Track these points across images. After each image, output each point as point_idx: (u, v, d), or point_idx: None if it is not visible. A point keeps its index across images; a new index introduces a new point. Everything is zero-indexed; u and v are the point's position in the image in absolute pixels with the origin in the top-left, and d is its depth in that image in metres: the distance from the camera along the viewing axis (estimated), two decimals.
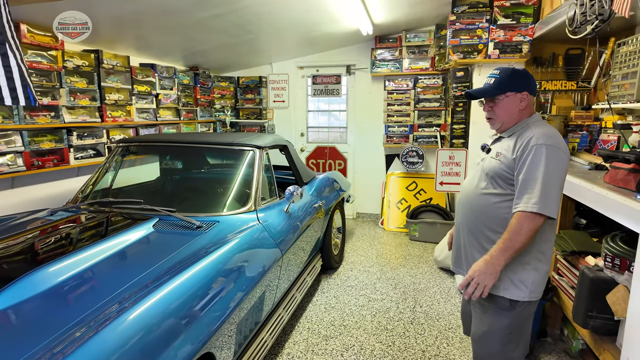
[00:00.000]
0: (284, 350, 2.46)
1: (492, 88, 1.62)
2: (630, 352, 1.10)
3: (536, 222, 1.46)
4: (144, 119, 3.91)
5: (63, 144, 3.02)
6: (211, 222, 2.08)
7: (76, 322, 1.26)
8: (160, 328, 1.30)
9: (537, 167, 1.48)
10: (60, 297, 1.42)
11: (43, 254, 1.76)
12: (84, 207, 2.34)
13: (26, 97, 1.24)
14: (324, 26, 4.13)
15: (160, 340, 1.28)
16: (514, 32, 3.61)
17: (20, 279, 1.42)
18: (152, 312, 1.32)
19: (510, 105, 1.62)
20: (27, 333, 1.21)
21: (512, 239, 1.47)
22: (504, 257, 1.48)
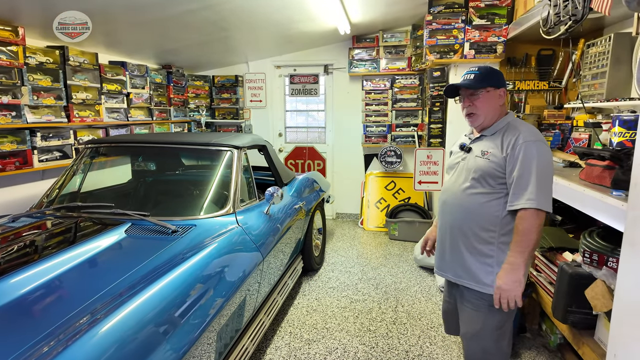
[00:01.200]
0: (266, 356, 2.39)
1: (474, 82, 1.62)
2: (617, 348, 1.11)
3: (540, 218, 1.49)
4: (114, 119, 3.74)
5: (26, 146, 2.83)
6: (187, 226, 1.99)
7: (43, 337, 1.16)
8: (136, 340, 1.22)
9: (531, 164, 1.50)
10: (24, 311, 1.31)
11: (4, 264, 1.62)
12: (49, 213, 2.20)
13: None
14: (301, 24, 4.08)
15: (136, 353, 1.20)
16: (488, 33, 3.67)
17: None
18: (126, 323, 1.23)
19: (490, 100, 1.63)
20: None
21: (526, 240, 1.49)
22: (523, 260, 1.50)
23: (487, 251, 1.60)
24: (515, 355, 2.41)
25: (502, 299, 1.51)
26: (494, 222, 1.58)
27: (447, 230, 1.73)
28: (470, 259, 1.63)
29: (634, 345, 1.03)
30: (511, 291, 1.49)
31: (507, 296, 1.50)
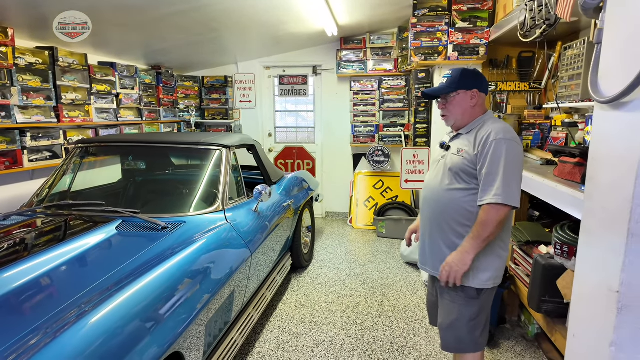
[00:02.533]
0: (255, 349, 2.45)
1: (445, 86, 1.72)
2: (576, 328, 1.20)
3: (502, 212, 1.56)
4: (104, 119, 3.77)
5: (16, 146, 2.86)
6: (177, 222, 2.05)
7: (31, 330, 1.20)
8: (124, 330, 1.28)
9: (499, 161, 1.57)
10: (13, 305, 1.35)
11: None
12: (40, 211, 2.24)
13: None
14: (289, 26, 4.15)
15: (125, 342, 1.25)
16: (471, 35, 3.78)
17: None
18: (114, 315, 1.29)
19: (462, 103, 1.71)
20: None
21: (481, 229, 1.57)
22: (473, 247, 1.59)
23: None
24: (494, 346, 2.51)
25: (444, 272, 1.63)
26: (469, 217, 1.66)
27: (427, 225, 1.82)
28: (447, 253, 1.71)
29: (589, 323, 1.12)
30: (453, 268, 1.61)
31: (449, 271, 1.62)
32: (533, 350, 2.46)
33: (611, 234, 1.01)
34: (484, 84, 1.77)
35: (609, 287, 1.02)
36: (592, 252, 1.13)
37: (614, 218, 1.01)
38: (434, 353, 2.43)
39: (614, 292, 1.00)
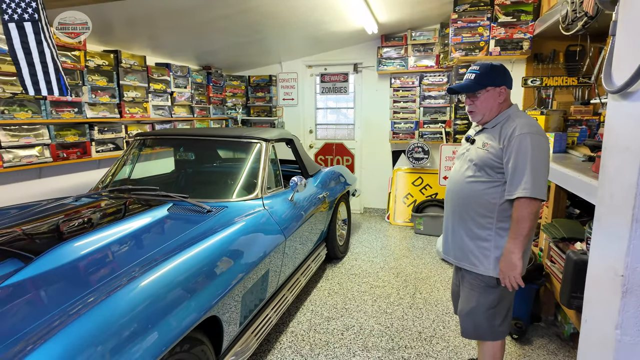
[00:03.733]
0: (288, 328, 2.63)
1: (473, 83, 1.74)
2: (587, 314, 1.23)
3: (534, 206, 1.59)
4: (159, 115, 4.13)
5: (86, 138, 3.25)
6: (220, 207, 2.26)
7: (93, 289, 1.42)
8: (168, 294, 1.46)
9: (525, 154, 1.60)
10: (78, 269, 1.59)
11: (68, 233, 1.95)
12: (105, 194, 2.55)
13: (59, 88, 1.42)
14: (329, 25, 4.29)
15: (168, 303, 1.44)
16: (514, 30, 3.70)
17: (47, 252, 1.60)
18: (162, 279, 1.48)
19: (490, 99, 1.74)
20: (50, 298, 1.40)
21: (519, 227, 1.61)
22: (517, 245, 1.62)
23: (485, 236, 1.73)
24: (526, 342, 2.49)
25: (503, 279, 1.67)
26: (491, 208, 1.70)
27: (450, 216, 1.88)
28: (469, 243, 1.77)
29: (598, 308, 1.15)
30: (507, 272, 1.64)
31: (507, 277, 1.65)
32: (567, 350, 2.42)
33: (617, 220, 1.04)
34: (510, 79, 1.79)
35: (615, 271, 1.05)
36: (601, 238, 1.16)
37: (620, 204, 1.04)
38: (462, 344, 2.47)
39: (619, 276, 1.03)
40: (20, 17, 1.29)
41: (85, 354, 1.12)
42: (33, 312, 1.30)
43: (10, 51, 1.36)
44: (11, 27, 1.30)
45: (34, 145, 2.86)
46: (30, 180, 3.01)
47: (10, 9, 1.28)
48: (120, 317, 1.25)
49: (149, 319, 1.32)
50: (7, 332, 1.19)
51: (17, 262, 1.57)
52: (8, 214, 2.32)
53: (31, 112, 2.81)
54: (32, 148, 2.85)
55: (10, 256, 1.60)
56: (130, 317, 1.27)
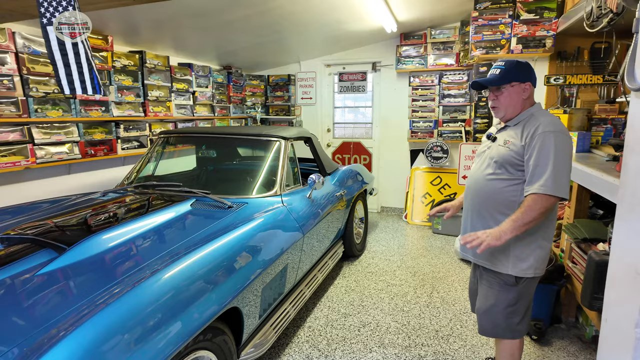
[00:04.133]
0: (306, 323, 2.67)
1: (499, 77, 1.73)
2: (608, 313, 1.22)
3: (549, 202, 1.57)
4: (181, 114, 4.24)
5: (112, 136, 3.37)
6: (241, 203, 2.32)
7: (121, 280, 1.49)
8: (193, 283, 1.52)
9: (547, 153, 1.59)
10: (105, 261, 1.66)
11: (96, 226, 2.04)
12: (130, 190, 2.65)
13: (92, 87, 1.50)
14: (348, 25, 4.31)
15: (193, 292, 1.49)
16: (537, 27, 3.64)
17: (78, 243, 1.68)
18: (186, 271, 1.54)
19: (514, 95, 1.73)
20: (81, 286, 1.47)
21: (524, 213, 1.57)
22: (513, 228, 1.57)
23: None
24: (545, 343, 2.46)
25: (473, 238, 1.59)
26: (511, 206, 1.70)
27: (469, 213, 1.88)
28: None
29: (619, 307, 1.15)
30: (487, 240, 1.56)
31: (481, 241, 1.57)
32: (589, 352, 2.38)
33: (638, 217, 1.04)
34: (535, 77, 1.78)
35: (636, 270, 1.04)
36: (622, 236, 1.15)
37: None
38: (480, 344, 2.46)
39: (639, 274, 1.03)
40: None
41: (115, 339, 1.18)
42: (66, 299, 1.38)
43: (48, 52, 1.44)
44: (49, 30, 1.38)
45: (64, 142, 2.99)
46: (60, 176, 3.15)
47: (49, 13, 1.36)
48: (148, 305, 1.31)
49: (174, 308, 1.38)
50: (43, 317, 1.26)
51: (52, 252, 1.66)
52: (40, 207, 2.44)
53: (62, 111, 2.94)
54: (63, 145, 2.98)
55: (45, 246, 1.69)
56: (157, 305, 1.34)
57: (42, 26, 1.40)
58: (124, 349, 1.18)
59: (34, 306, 1.34)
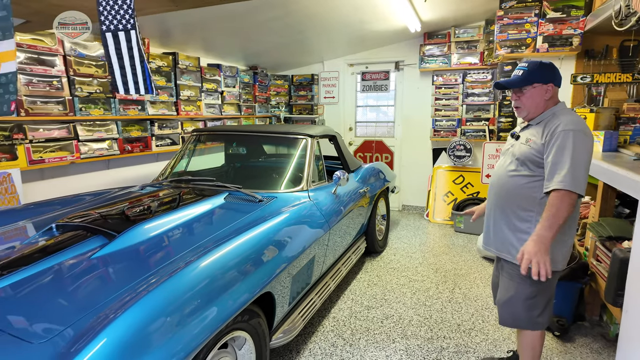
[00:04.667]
0: (330, 314, 2.77)
1: (521, 79, 1.79)
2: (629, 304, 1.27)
3: (570, 199, 1.60)
4: (211, 113, 4.41)
5: (147, 133, 3.56)
6: (270, 197, 2.45)
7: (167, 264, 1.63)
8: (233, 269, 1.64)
9: (566, 150, 1.63)
10: (153, 246, 1.81)
11: (138, 216, 2.20)
12: (166, 184, 2.81)
13: (145, 88, 1.65)
14: (372, 24, 4.38)
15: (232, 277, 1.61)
16: (564, 25, 3.62)
17: (126, 231, 1.83)
18: (226, 257, 1.66)
19: (536, 96, 1.78)
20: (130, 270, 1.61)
21: (553, 216, 1.61)
22: (549, 233, 1.60)
23: (525, 228, 1.77)
24: (568, 339, 2.48)
25: (524, 261, 1.60)
26: (532, 202, 1.75)
27: (492, 209, 1.93)
28: (509, 235, 1.82)
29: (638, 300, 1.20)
30: (536, 256, 1.58)
31: (537, 262, 1.58)
32: (612, 350, 2.39)
33: None
34: (559, 77, 1.81)
35: None
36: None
37: None
38: (501, 338, 2.50)
39: None
40: (115, 28, 1.52)
41: (164, 316, 1.30)
42: (118, 281, 1.53)
43: (105, 56, 1.59)
44: (108, 36, 1.53)
45: (104, 139, 3.19)
46: (100, 171, 3.35)
47: (108, 21, 1.51)
48: (195, 286, 1.44)
49: (218, 290, 1.51)
50: (98, 297, 1.40)
51: (103, 238, 1.82)
52: (84, 199, 2.63)
53: (103, 110, 3.14)
54: (103, 142, 3.18)
55: (96, 233, 1.86)
56: (204, 286, 1.46)
57: (101, 33, 1.55)
58: (177, 322, 1.31)
59: (89, 286, 1.49)
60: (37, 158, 2.71)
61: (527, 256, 1.60)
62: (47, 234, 1.95)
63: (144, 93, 1.65)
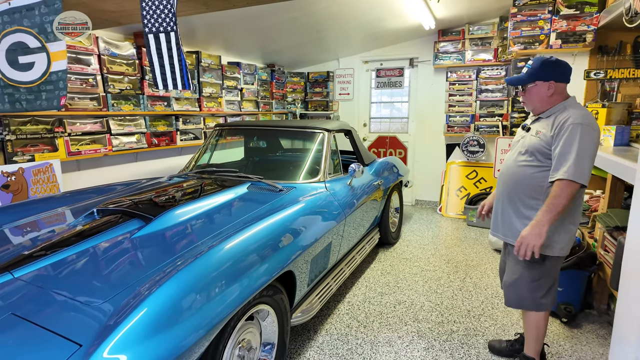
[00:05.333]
0: (345, 298, 2.92)
1: (524, 77, 1.91)
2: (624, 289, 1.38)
3: (572, 188, 1.72)
4: (230, 109, 4.59)
5: (172, 128, 3.77)
6: (290, 187, 2.61)
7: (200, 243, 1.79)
8: (258, 249, 1.80)
9: (572, 142, 1.73)
10: (185, 229, 1.98)
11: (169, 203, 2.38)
12: (192, 175, 3.00)
13: (182, 84, 1.82)
14: (387, 22, 4.49)
15: (259, 255, 1.77)
16: (577, 22, 3.67)
17: (161, 215, 2.02)
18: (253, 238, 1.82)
19: (538, 93, 1.89)
20: (167, 248, 1.79)
21: (553, 203, 1.74)
22: (547, 218, 1.74)
23: (531, 216, 1.87)
24: (575, 325, 2.58)
25: (521, 246, 1.76)
26: (539, 191, 1.86)
27: (500, 197, 2.05)
28: (516, 221, 1.93)
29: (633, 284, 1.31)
30: (531, 241, 1.73)
31: (527, 244, 1.74)
32: None
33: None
34: (564, 73, 1.88)
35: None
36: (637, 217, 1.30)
37: None
38: (510, 323, 2.61)
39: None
40: (157, 30, 1.69)
41: (198, 289, 1.46)
42: (155, 258, 1.70)
43: (147, 55, 1.77)
44: (150, 37, 1.70)
45: (134, 133, 3.40)
46: (129, 163, 3.57)
47: (150, 23, 1.68)
48: (227, 262, 1.60)
49: (246, 266, 1.67)
50: (139, 271, 1.58)
51: (140, 221, 2.01)
52: (115, 189, 2.84)
53: (132, 105, 3.35)
54: (132, 135, 3.39)
55: (134, 217, 2.04)
56: (231, 264, 1.62)
57: (144, 34, 1.72)
58: (210, 295, 1.47)
59: (131, 262, 1.67)
60: (75, 150, 2.93)
61: (519, 239, 1.78)
62: (90, 217, 2.15)
63: (181, 89, 1.82)
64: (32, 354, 1.17)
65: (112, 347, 1.15)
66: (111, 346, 1.16)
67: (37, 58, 1.85)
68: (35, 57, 1.85)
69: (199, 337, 1.36)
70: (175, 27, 1.70)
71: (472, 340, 2.43)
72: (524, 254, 1.77)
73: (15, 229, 2.11)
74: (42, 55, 1.85)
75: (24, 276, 1.55)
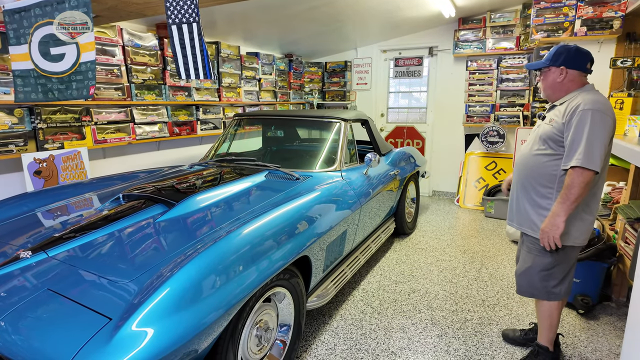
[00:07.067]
0: (360, 285, 2.98)
1: (540, 62, 1.90)
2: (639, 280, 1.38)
3: (585, 176, 1.70)
4: (249, 99, 4.66)
5: (193, 118, 3.86)
6: (307, 176, 2.66)
7: (219, 228, 1.87)
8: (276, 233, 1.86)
9: (583, 128, 1.71)
10: (207, 214, 2.06)
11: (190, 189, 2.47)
12: (212, 163, 3.09)
13: (204, 74, 1.88)
14: (406, 11, 4.44)
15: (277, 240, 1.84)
16: (604, 8, 3.56)
17: (183, 200, 2.10)
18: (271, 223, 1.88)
19: (550, 78, 1.89)
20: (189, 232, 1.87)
21: (567, 192, 1.73)
22: (562, 209, 1.74)
23: (545, 204, 1.88)
24: (592, 317, 2.56)
25: (542, 239, 1.82)
26: (552, 179, 1.85)
27: (515, 186, 2.05)
28: (530, 211, 1.93)
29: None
30: (549, 233, 1.78)
31: (547, 237, 1.80)
32: None
33: None
34: (578, 61, 1.84)
35: None
36: None
37: None
38: (525, 314, 2.61)
39: None
40: (180, 21, 1.75)
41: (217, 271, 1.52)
42: (179, 240, 1.78)
43: (170, 46, 1.83)
44: (173, 28, 1.77)
45: (156, 122, 3.50)
46: (151, 152, 3.69)
47: (173, 15, 1.74)
48: (246, 245, 1.67)
49: (262, 251, 1.73)
50: (164, 253, 1.66)
51: (163, 206, 2.10)
52: (138, 176, 2.95)
53: (155, 95, 3.45)
54: (155, 125, 3.50)
55: (158, 202, 2.14)
56: (251, 247, 1.69)
57: (168, 25, 1.79)
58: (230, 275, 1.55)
59: (156, 244, 1.76)
60: (101, 138, 3.06)
61: (540, 233, 1.83)
62: (116, 202, 2.26)
63: (203, 78, 1.88)
64: (68, 324, 1.27)
65: (139, 321, 1.24)
66: (138, 320, 1.24)
67: (68, 49, 1.94)
68: (65, 49, 1.94)
69: (218, 315, 1.44)
70: (198, 17, 1.75)
71: (486, 328, 2.45)
72: (549, 246, 1.82)
73: (47, 212, 2.24)
74: (72, 46, 1.94)
75: (57, 255, 1.66)
